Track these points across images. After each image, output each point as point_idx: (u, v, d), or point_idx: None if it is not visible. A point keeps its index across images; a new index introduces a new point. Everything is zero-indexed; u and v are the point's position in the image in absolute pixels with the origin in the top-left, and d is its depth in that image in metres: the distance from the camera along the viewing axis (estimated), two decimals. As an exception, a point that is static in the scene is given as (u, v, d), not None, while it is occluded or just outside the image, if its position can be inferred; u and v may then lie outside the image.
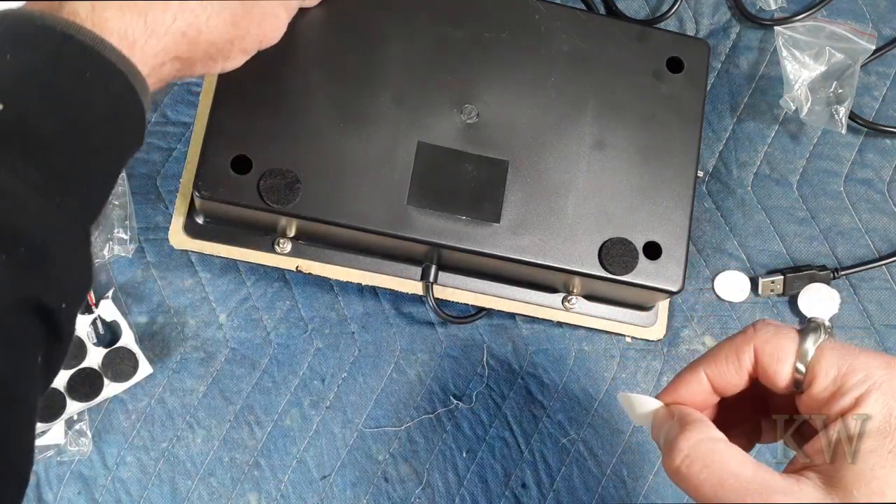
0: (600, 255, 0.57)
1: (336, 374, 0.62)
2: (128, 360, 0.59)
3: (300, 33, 0.56)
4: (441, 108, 0.57)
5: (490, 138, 0.57)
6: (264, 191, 0.54)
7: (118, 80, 0.41)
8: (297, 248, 0.59)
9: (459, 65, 0.58)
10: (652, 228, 0.57)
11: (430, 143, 0.56)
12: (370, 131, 0.56)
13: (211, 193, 0.54)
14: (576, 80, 0.59)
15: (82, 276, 0.41)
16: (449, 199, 0.56)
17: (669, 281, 0.57)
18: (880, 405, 0.37)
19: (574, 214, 0.57)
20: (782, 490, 0.36)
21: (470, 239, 0.56)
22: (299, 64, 0.56)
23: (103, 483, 0.60)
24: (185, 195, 0.58)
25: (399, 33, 0.57)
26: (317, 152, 0.55)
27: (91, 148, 0.41)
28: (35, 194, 0.38)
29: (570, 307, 0.61)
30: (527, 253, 0.56)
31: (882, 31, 0.69)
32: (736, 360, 0.40)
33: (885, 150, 0.68)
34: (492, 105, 0.58)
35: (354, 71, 0.56)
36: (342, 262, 0.59)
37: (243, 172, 0.54)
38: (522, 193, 0.57)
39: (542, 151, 0.57)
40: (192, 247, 0.58)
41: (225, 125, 0.54)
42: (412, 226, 0.55)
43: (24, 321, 0.37)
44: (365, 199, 0.55)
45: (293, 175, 0.54)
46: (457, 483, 0.62)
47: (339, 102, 0.56)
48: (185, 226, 0.58)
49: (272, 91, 0.55)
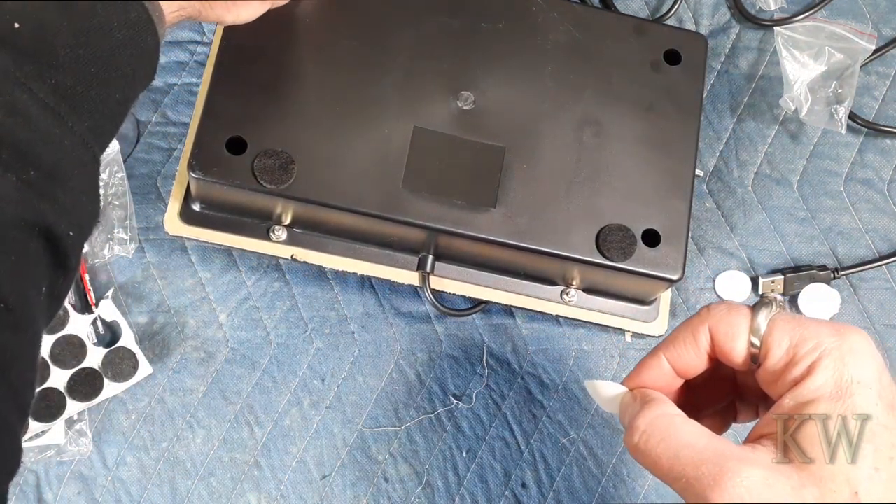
0: (598, 241, 0.56)
1: (336, 374, 0.62)
2: (128, 360, 0.59)
3: (298, 17, 0.56)
4: (438, 94, 0.57)
5: (487, 125, 0.57)
6: (259, 171, 0.54)
7: (137, 9, 0.42)
8: (292, 236, 0.58)
9: (457, 53, 0.58)
10: (650, 216, 0.57)
11: (427, 128, 0.56)
12: (366, 115, 0.56)
13: (205, 173, 0.53)
14: (573, 70, 0.59)
15: (92, 205, 0.41)
16: (444, 184, 0.56)
17: (669, 269, 0.56)
18: (830, 372, 0.37)
19: (571, 200, 0.57)
20: (737, 457, 0.37)
21: (465, 223, 0.56)
22: (296, 47, 0.56)
23: (103, 483, 0.60)
24: (181, 182, 0.58)
25: (398, 20, 0.58)
26: (312, 134, 0.55)
27: (105, 74, 0.41)
28: (47, 114, 0.38)
29: (568, 300, 0.61)
30: (523, 238, 0.56)
31: (882, 31, 0.70)
32: (693, 341, 0.41)
33: (885, 150, 0.68)
34: (488, 93, 0.58)
35: (352, 55, 0.56)
36: (338, 251, 0.59)
37: (238, 153, 0.54)
38: (519, 179, 0.57)
39: (538, 138, 0.57)
40: (187, 233, 0.58)
41: (220, 106, 0.54)
42: (407, 209, 0.55)
43: (32, 246, 0.37)
44: (360, 182, 0.55)
45: (288, 156, 0.54)
46: (457, 483, 0.62)
47: (335, 86, 0.56)
48: (180, 212, 0.58)
49: (268, 73, 0.55)
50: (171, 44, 0.65)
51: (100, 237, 0.61)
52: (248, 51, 0.55)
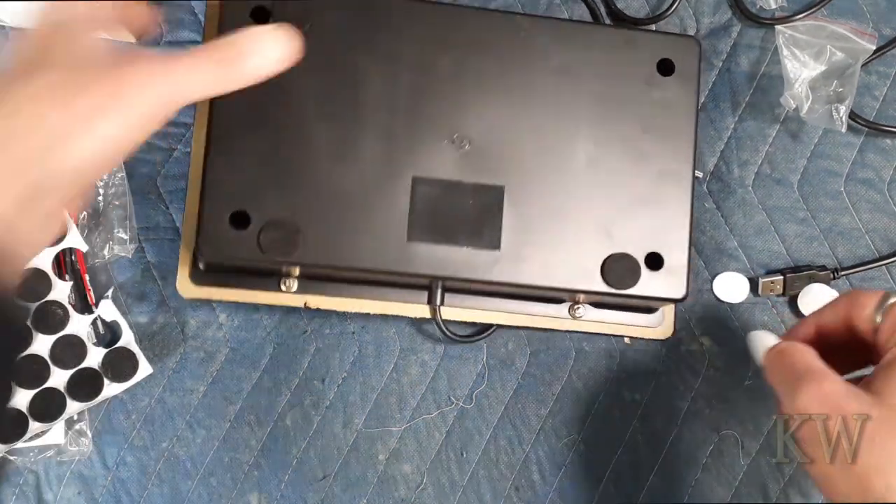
0: (603, 271, 0.57)
1: (336, 374, 0.62)
2: (128, 360, 0.59)
3: (285, 80, 0.56)
4: (432, 140, 0.57)
5: (484, 165, 0.57)
6: (265, 245, 0.54)
7: None
8: (303, 284, 0.59)
9: (447, 93, 0.57)
10: (652, 239, 0.58)
11: (425, 176, 0.56)
12: (365, 171, 0.56)
13: (214, 254, 0.54)
14: (566, 97, 0.58)
15: None
16: (448, 231, 0.56)
17: (672, 290, 0.58)
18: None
19: (573, 233, 0.57)
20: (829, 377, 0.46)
21: (472, 268, 0.56)
22: (288, 111, 0.56)
23: (103, 483, 0.60)
24: (187, 245, 0.59)
25: (384, 69, 0.57)
26: (314, 198, 0.55)
27: None
28: None
29: (577, 316, 0.61)
30: (529, 277, 0.56)
31: (882, 31, 0.69)
32: (837, 311, 0.51)
33: (885, 150, 0.68)
34: (483, 131, 0.57)
35: (343, 112, 0.56)
36: (349, 294, 0.60)
37: (243, 227, 0.54)
38: (520, 217, 0.57)
39: (536, 173, 0.57)
40: (201, 295, 0.59)
41: (220, 182, 0.54)
42: (414, 261, 0.56)
43: None
44: (366, 240, 0.55)
45: (292, 225, 0.54)
46: (457, 483, 0.62)
47: (331, 146, 0.56)
48: (190, 275, 0.59)
49: (263, 142, 0.55)
50: (171, 44, 0.64)
51: (100, 237, 0.61)
52: (240, 121, 0.55)
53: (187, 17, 0.65)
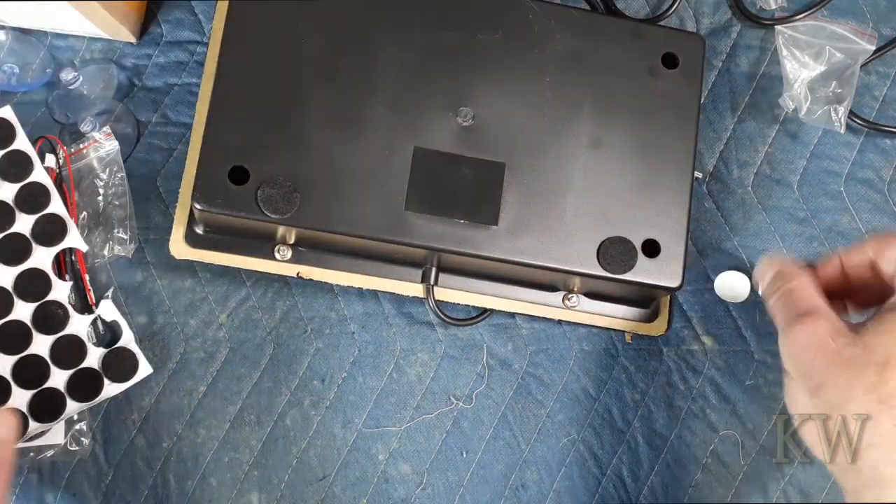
0: (599, 254, 0.57)
1: (336, 374, 0.62)
2: (128, 360, 0.59)
3: (294, 43, 0.56)
4: (436, 112, 0.57)
5: (486, 141, 0.57)
6: (262, 201, 0.54)
7: None
8: (297, 254, 0.59)
9: (454, 67, 0.58)
10: (650, 226, 0.58)
11: (427, 147, 0.56)
12: (366, 138, 0.56)
13: (209, 205, 0.54)
14: (571, 80, 0.59)
15: None
16: (446, 203, 0.56)
17: (668, 278, 0.57)
18: None
19: (572, 214, 0.57)
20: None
21: (468, 242, 0.56)
22: (294, 73, 0.56)
23: (104, 482, 0.60)
24: (184, 205, 0.59)
25: (393, 38, 0.57)
26: (314, 161, 0.55)
27: None
28: None
29: (570, 305, 0.61)
30: (525, 255, 0.56)
31: (882, 31, 0.69)
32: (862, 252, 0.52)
33: (885, 150, 0.68)
34: (487, 107, 0.57)
35: (349, 78, 0.56)
36: (343, 266, 0.60)
37: (241, 183, 0.54)
38: (519, 195, 0.57)
39: (538, 152, 0.57)
40: (192, 256, 0.59)
41: (221, 136, 0.54)
42: (411, 231, 0.55)
43: None
44: (363, 207, 0.55)
45: (290, 185, 0.54)
46: (457, 483, 0.62)
47: (334, 110, 0.56)
48: (185, 235, 0.59)
49: (268, 101, 0.55)
50: (171, 44, 0.64)
51: (100, 237, 0.61)
52: (245, 79, 0.55)
53: (187, 17, 0.65)
